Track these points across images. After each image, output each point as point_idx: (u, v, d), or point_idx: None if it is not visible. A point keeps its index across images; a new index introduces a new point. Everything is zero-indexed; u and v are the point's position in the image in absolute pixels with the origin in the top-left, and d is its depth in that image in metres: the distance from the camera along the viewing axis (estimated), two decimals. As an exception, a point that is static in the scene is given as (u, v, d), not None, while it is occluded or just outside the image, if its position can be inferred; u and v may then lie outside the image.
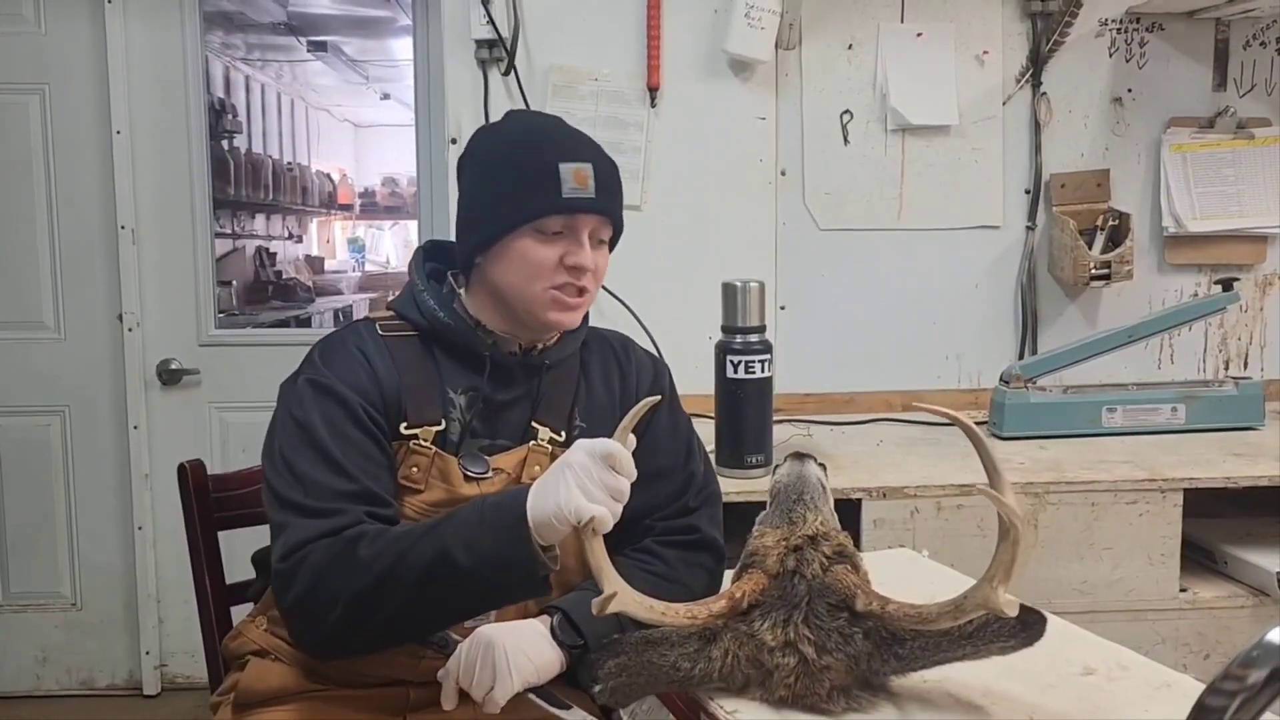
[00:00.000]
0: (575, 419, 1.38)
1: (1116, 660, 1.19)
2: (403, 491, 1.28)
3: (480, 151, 1.37)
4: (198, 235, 2.82)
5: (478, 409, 1.32)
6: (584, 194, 1.29)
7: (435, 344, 1.34)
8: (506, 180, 1.30)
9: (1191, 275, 2.65)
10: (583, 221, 1.30)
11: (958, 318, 2.62)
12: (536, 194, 1.28)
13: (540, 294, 1.30)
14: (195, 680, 2.86)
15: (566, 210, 1.29)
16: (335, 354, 1.31)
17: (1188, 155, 2.60)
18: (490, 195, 1.32)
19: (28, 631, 2.89)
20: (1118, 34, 2.59)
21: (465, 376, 1.33)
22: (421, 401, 1.30)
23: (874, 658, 1.06)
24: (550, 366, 1.37)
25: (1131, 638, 1.58)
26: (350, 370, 1.29)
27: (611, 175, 1.34)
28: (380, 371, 1.29)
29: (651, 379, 1.48)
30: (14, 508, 2.85)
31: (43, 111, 2.75)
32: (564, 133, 1.38)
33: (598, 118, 2.48)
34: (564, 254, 1.30)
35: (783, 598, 1.08)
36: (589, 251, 1.31)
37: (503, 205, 1.30)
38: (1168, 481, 1.95)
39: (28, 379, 2.82)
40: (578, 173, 1.28)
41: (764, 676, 1.08)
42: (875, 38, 2.54)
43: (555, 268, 1.30)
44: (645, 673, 1.09)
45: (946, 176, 2.58)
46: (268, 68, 5.75)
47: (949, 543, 1.88)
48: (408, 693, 1.31)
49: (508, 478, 1.31)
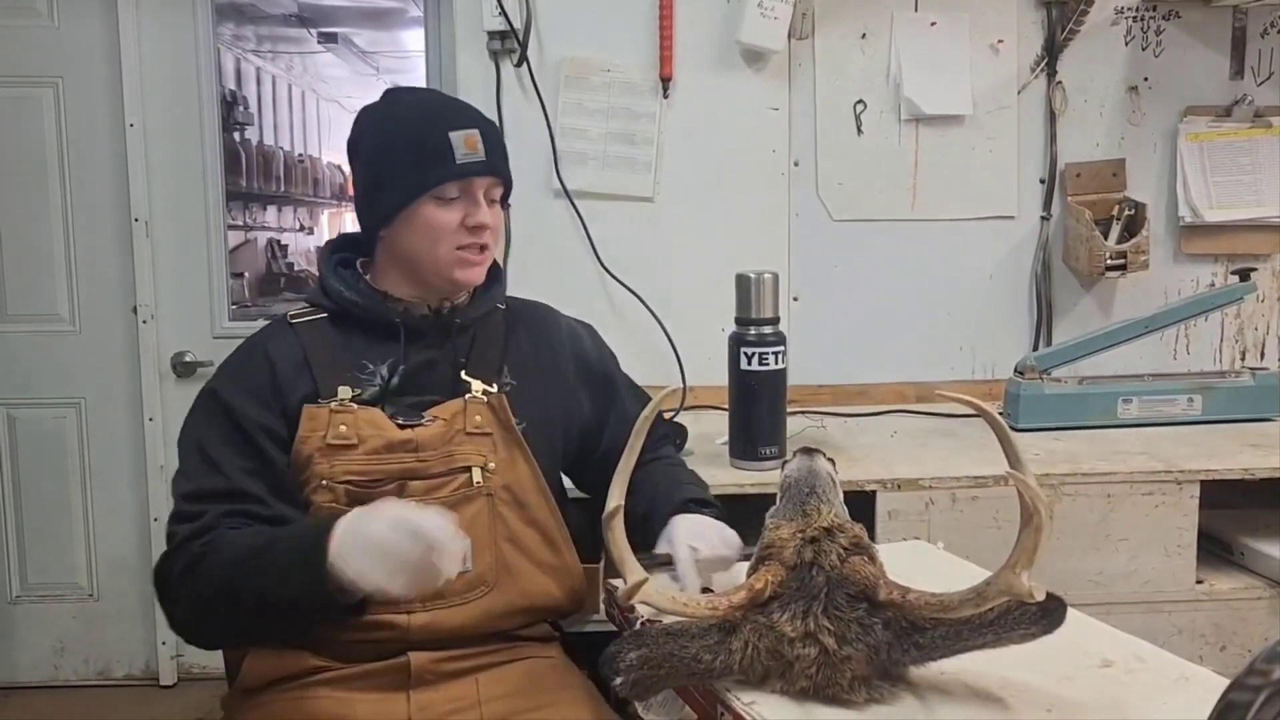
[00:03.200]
0: (505, 375, 1.47)
1: (1134, 652, 1.19)
2: (337, 451, 1.34)
3: (371, 132, 1.46)
4: (211, 227, 2.83)
5: (400, 371, 1.40)
6: (475, 158, 1.39)
7: (346, 323, 1.44)
8: (401, 154, 1.39)
9: (1208, 265, 2.63)
10: (477, 184, 1.41)
11: (972, 309, 2.61)
12: (432, 164, 1.38)
13: (447, 255, 1.40)
14: (211, 671, 2.88)
15: (462, 175, 1.39)
16: (237, 361, 1.44)
17: (1204, 144, 2.58)
18: (387, 170, 1.41)
19: (45, 622, 2.91)
20: (1133, 22, 2.57)
21: (383, 347, 1.42)
22: (331, 376, 1.39)
23: (894, 648, 1.06)
24: (463, 325, 1.46)
25: (1148, 629, 1.57)
26: (247, 375, 1.40)
27: (496, 137, 1.45)
28: (282, 363, 1.40)
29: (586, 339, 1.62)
30: (31, 499, 2.87)
31: (56, 105, 2.75)
32: (448, 104, 1.50)
33: (610, 109, 2.48)
34: (464, 216, 1.40)
35: (801, 589, 1.08)
36: (486, 210, 1.42)
37: (401, 178, 1.39)
38: (1184, 473, 1.94)
39: (44, 371, 2.83)
40: (468, 139, 1.39)
41: (784, 668, 1.07)
42: (889, 27, 2.53)
43: (457, 230, 1.40)
44: (667, 665, 1.09)
45: (960, 166, 2.56)
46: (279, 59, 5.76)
47: (964, 535, 1.87)
48: (409, 667, 1.33)
49: (445, 424, 1.39)
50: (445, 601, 1.34)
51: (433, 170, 1.38)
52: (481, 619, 1.37)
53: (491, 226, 1.43)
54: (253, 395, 1.37)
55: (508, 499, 1.40)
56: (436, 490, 1.37)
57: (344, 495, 1.34)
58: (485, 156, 1.40)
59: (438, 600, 1.34)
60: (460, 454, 1.39)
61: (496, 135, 1.45)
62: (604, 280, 2.48)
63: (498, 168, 1.43)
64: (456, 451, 1.39)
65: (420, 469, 1.37)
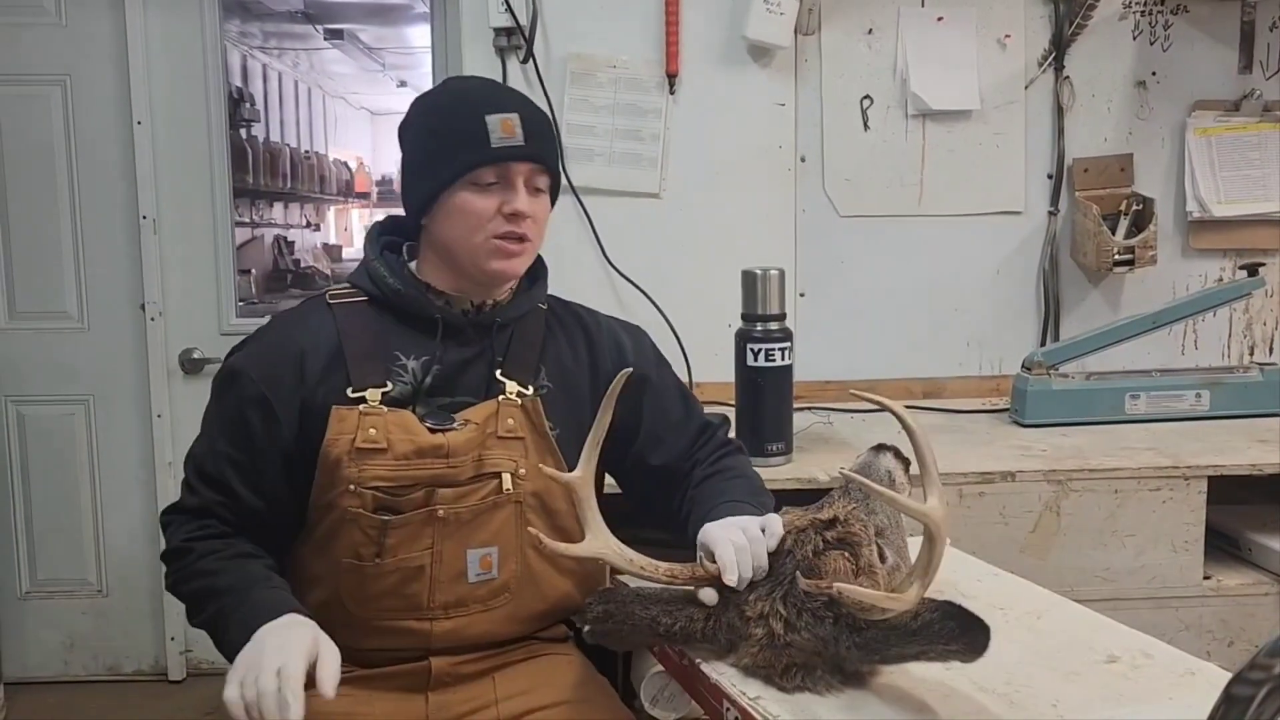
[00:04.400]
0: (541, 377, 1.42)
1: (1140, 648, 1.19)
2: (366, 455, 1.30)
3: (415, 118, 1.42)
4: (218, 224, 2.84)
5: (434, 370, 1.36)
6: (512, 142, 1.33)
7: (386, 310, 1.39)
8: (439, 140, 1.36)
9: (1216, 260, 2.62)
10: (515, 169, 1.34)
11: (979, 304, 2.60)
12: (467, 148, 1.33)
13: (483, 244, 1.35)
14: (220, 666, 2.85)
15: (497, 159, 1.33)
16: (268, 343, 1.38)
17: (1213, 139, 2.57)
18: (425, 156, 1.37)
19: (55, 618, 2.92)
20: (1141, 16, 2.56)
21: (419, 341, 1.37)
22: (365, 365, 1.34)
23: (840, 642, 1.08)
24: (502, 324, 1.41)
25: (1155, 625, 1.57)
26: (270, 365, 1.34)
27: (540, 123, 1.39)
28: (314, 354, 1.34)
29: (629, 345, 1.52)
30: (40, 496, 2.88)
31: (64, 103, 2.76)
32: (490, 88, 1.45)
33: (616, 105, 2.48)
34: (501, 203, 1.34)
35: (773, 574, 1.14)
36: (524, 197, 1.35)
37: (438, 163, 1.35)
38: (1192, 469, 1.94)
39: (52, 369, 2.84)
40: (505, 123, 1.33)
41: (740, 643, 1.13)
42: (895, 22, 2.52)
43: (494, 217, 1.34)
44: (629, 623, 1.18)
45: (968, 162, 2.56)
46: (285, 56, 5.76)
47: (970, 531, 1.87)
48: (429, 669, 1.33)
49: (477, 428, 1.34)
50: (468, 609, 1.34)
51: (467, 154, 1.33)
52: (503, 624, 1.37)
53: (531, 216, 1.35)
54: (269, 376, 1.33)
55: (537, 506, 1.37)
56: (465, 498, 1.33)
57: (371, 501, 1.30)
58: (524, 141, 1.33)
59: (460, 609, 1.33)
60: (490, 459, 1.34)
61: (541, 121, 1.39)
62: (610, 276, 2.49)
63: (539, 154, 1.36)
64: (487, 457, 1.34)
65: (449, 475, 1.32)
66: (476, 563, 1.33)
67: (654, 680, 1.88)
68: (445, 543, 1.32)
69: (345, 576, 1.32)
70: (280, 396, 1.32)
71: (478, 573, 1.33)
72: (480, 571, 1.33)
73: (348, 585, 1.32)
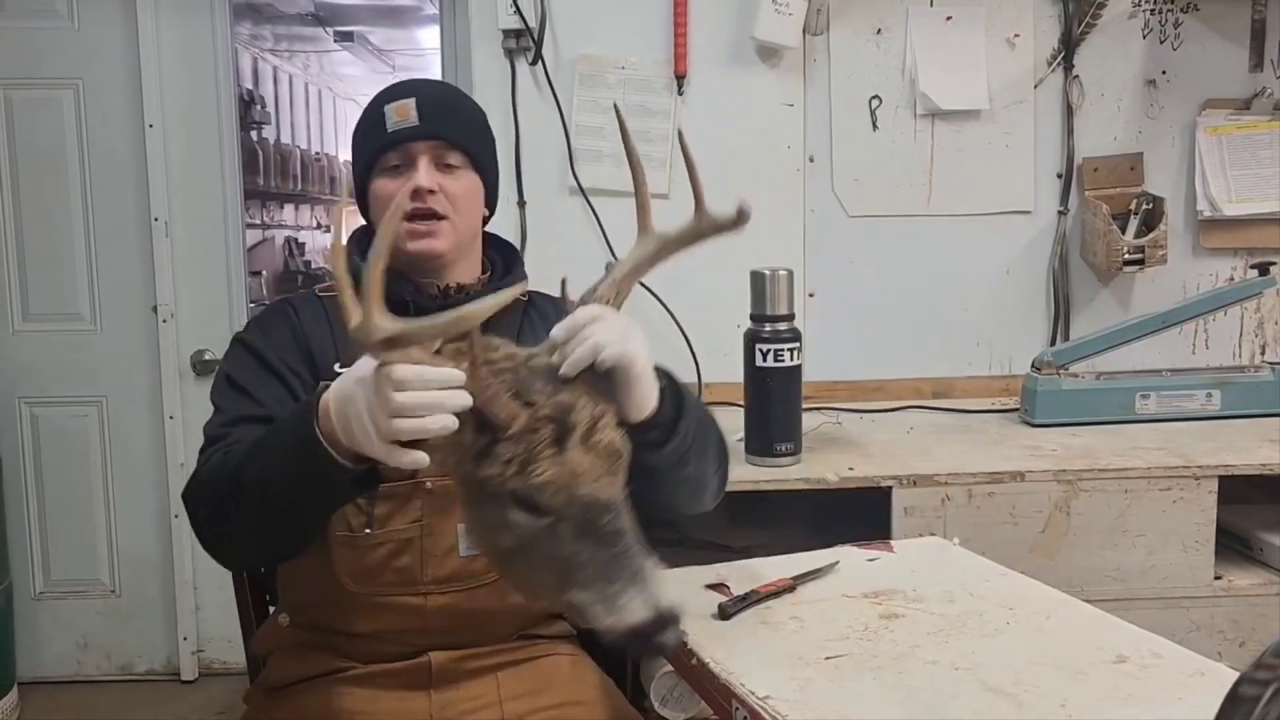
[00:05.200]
0: None
1: (1149, 648, 1.19)
2: None
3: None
4: (229, 226, 2.86)
5: None
6: (406, 124, 1.38)
7: None
8: (356, 138, 1.45)
9: (1227, 259, 2.62)
10: (414, 149, 1.39)
11: (989, 304, 2.60)
12: (371, 137, 1.41)
13: (399, 228, 1.37)
14: (232, 666, 2.91)
15: (392, 143, 1.39)
16: (265, 315, 1.46)
17: (1223, 138, 2.56)
18: (352, 157, 1.46)
19: (68, 618, 2.94)
20: (1151, 15, 2.55)
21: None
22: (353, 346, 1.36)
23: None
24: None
25: (1165, 625, 1.57)
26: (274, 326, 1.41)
27: (441, 104, 1.43)
28: (307, 327, 1.40)
29: None
30: (54, 497, 2.91)
31: (76, 106, 2.78)
32: (398, 84, 1.49)
33: (625, 106, 2.48)
34: (406, 183, 1.39)
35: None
36: (425, 173, 1.39)
37: (356, 160, 1.44)
38: (1202, 469, 1.93)
39: (66, 370, 2.86)
40: (399, 109, 1.39)
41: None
42: (904, 22, 2.52)
43: (402, 199, 1.37)
44: None
45: (977, 161, 2.56)
46: (295, 58, 5.79)
47: (980, 531, 1.87)
48: (430, 666, 1.34)
49: None
50: (461, 584, 1.35)
51: (371, 142, 1.41)
52: (498, 600, 1.37)
53: (440, 190, 1.38)
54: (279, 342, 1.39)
55: None
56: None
57: None
58: (419, 122, 1.38)
59: (453, 583, 1.34)
60: None
61: (443, 103, 1.43)
62: (619, 277, 2.49)
63: (435, 130, 1.39)
64: None
65: None
66: (467, 535, 1.34)
67: (663, 680, 1.89)
68: (434, 516, 1.33)
69: (339, 550, 1.33)
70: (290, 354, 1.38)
71: (468, 546, 1.34)
72: (470, 545, 1.34)
73: (342, 560, 1.33)
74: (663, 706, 1.90)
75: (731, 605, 1.28)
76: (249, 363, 1.37)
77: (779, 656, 1.17)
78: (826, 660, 1.15)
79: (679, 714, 1.91)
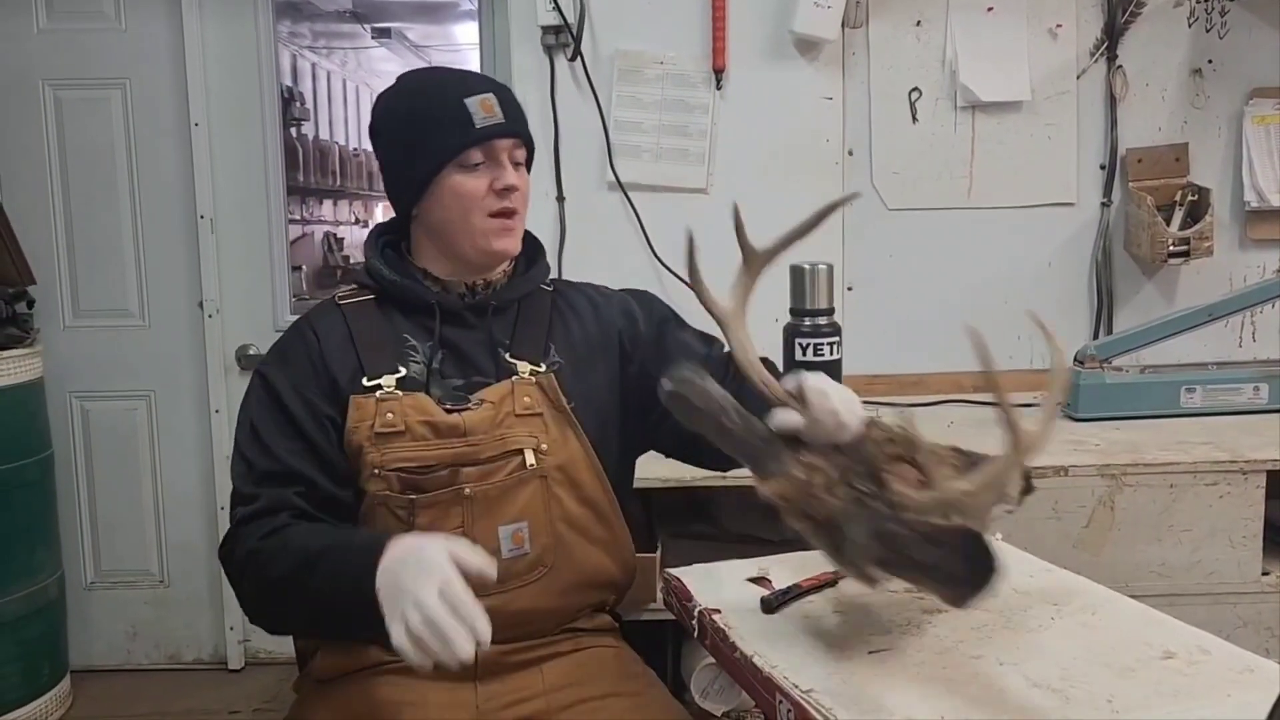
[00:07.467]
0: (552, 354, 1.46)
1: (1197, 644, 1.18)
2: (387, 439, 1.35)
3: (389, 112, 1.47)
4: (272, 223, 2.89)
5: (439, 354, 1.41)
6: (494, 120, 1.37)
7: (390, 303, 1.44)
8: (420, 128, 1.39)
9: (1274, 251, 2.58)
10: (499, 146, 1.39)
11: (1030, 297, 2.58)
12: (452, 132, 1.37)
13: (481, 224, 1.39)
14: (278, 655, 2.95)
15: (483, 139, 1.37)
16: (285, 343, 1.44)
17: (1271, 127, 2.52)
18: (409, 147, 1.41)
19: (118, 608, 3.00)
20: (1197, 3, 2.52)
21: (424, 325, 1.43)
22: (377, 354, 1.40)
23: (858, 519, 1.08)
24: (500, 307, 1.45)
25: (1212, 622, 1.55)
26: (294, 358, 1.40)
27: (511, 99, 1.43)
28: (326, 346, 1.39)
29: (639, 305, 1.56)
30: (104, 489, 2.96)
31: (124, 106, 2.83)
32: (458, 73, 1.48)
33: (663, 101, 2.49)
34: (491, 180, 1.38)
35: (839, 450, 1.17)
36: (512, 172, 1.40)
37: (424, 152, 1.39)
38: (1250, 463, 1.91)
39: (115, 365, 2.92)
40: (484, 103, 1.37)
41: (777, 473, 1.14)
42: (944, 14, 2.51)
43: (487, 195, 1.39)
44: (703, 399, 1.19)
45: (1018, 153, 2.54)
46: (333, 55, 5.83)
47: (1022, 526, 1.86)
48: (476, 659, 1.35)
49: (493, 407, 1.39)
50: (505, 586, 1.37)
51: (453, 138, 1.37)
52: (541, 599, 1.39)
53: (520, 189, 1.41)
54: (299, 376, 1.39)
55: (561, 479, 1.40)
56: (490, 476, 1.37)
57: (397, 483, 1.35)
58: (504, 119, 1.38)
59: (497, 585, 1.36)
60: (512, 436, 1.38)
61: (512, 98, 1.43)
62: (657, 271, 2.50)
63: (518, 128, 1.41)
64: (508, 434, 1.38)
65: (471, 454, 1.36)
66: (509, 538, 1.36)
67: (705, 673, 1.90)
68: (476, 521, 1.35)
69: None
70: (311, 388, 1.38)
71: (511, 548, 1.36)
72: (513, 547, 1.36)
73: None
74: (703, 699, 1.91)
75: (774, 599, 1.28)
76: (270, 408, 1.38)
77: (822, 650, 1.17)
78: (870, 654, 1.16)
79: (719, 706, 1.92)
